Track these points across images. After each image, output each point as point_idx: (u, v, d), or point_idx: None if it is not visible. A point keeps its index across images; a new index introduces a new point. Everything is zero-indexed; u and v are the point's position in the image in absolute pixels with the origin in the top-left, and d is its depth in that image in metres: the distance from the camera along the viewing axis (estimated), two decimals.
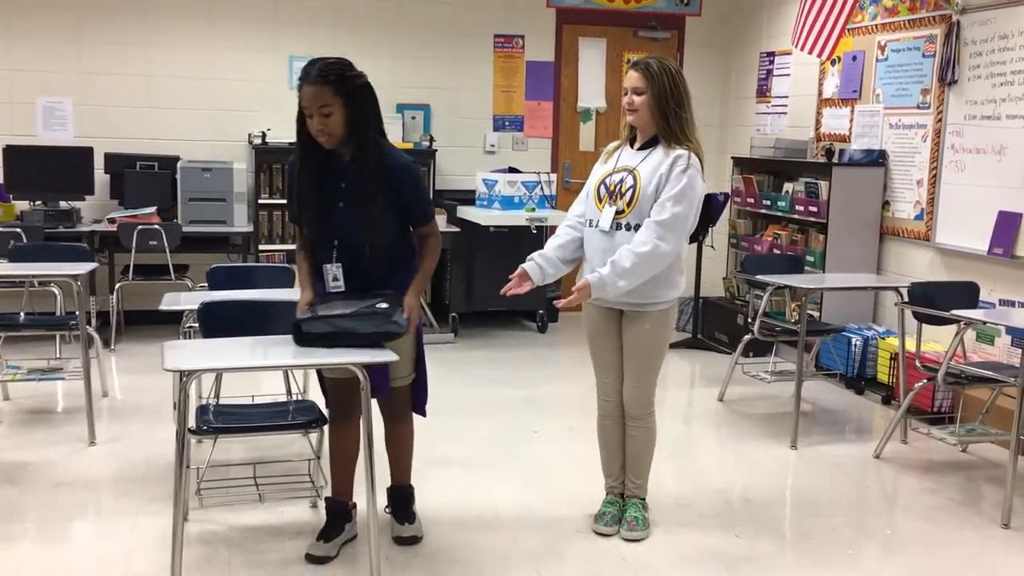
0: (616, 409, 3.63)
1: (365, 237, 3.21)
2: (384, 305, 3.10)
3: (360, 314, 3.06)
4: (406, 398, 3.46)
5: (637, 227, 3.41)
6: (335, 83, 3.07)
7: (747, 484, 4.25)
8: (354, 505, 3.52)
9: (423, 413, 3.53)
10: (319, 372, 3.47)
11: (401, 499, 3.57)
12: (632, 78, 3.44)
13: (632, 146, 3.54)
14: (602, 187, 3.49)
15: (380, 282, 3.27)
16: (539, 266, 3.55)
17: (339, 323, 3.04)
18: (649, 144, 3.49)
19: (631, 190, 3.42)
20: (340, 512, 3.46)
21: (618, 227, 3.43)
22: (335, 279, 3.27)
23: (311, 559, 3.32)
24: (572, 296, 3.39)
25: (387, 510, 3.56)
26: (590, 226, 3.52)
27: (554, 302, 3.59)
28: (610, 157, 3.57)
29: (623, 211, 3.42)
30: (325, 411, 3.56)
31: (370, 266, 3.28)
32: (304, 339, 3.05)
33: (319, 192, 3.22)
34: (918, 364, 4.59)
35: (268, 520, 3.67)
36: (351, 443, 3.42)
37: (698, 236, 6.48)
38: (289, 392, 4.12)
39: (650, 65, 3.42)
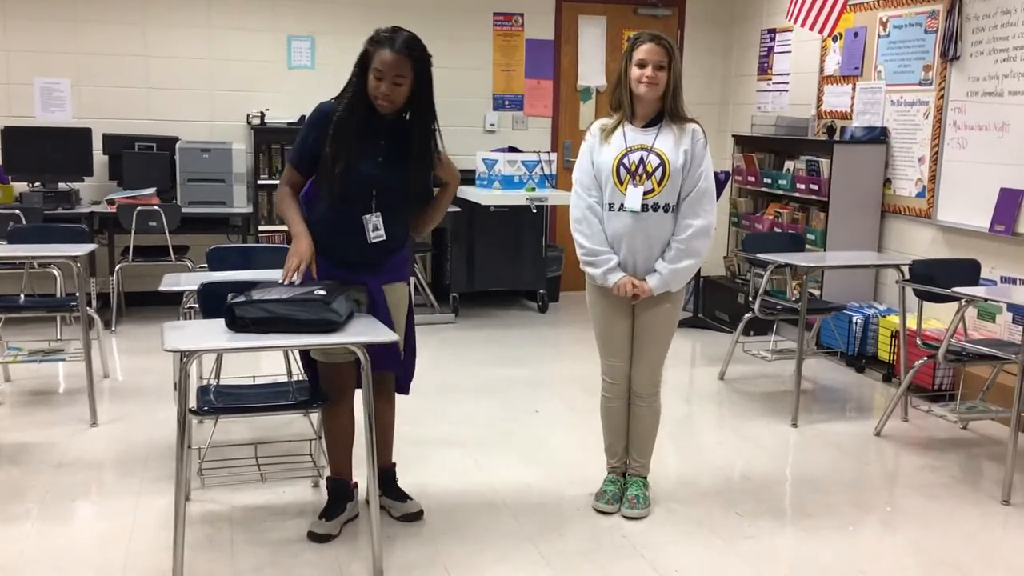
0: (623, 390, 3.63)
1: (404, 194, 3.29)
2: (322, 292, 3.02)
3: (296, 300, 2.99)
4: (394, 377, 3.48)
5: (666, 207, 3.41)
6: (416, 59, 3.18)
7: (748, 462, 4.26)
8: (355, 484, 3.53)
9: (406, 391, 3.54)
10: (303, 356, 3.46)
11: (392, 480, 3.59)
12: (655, 51, 3.36)
13: (632, 123, 3.49)
14: (620, 168, 3.42)
15: (395, 248, 3.33)
16: (620, 267, 3.50)
17: (274, 309, 2.98)
18: (654, 121, 3.46)
19: (660, 169, 3.39)
20: (341, 491, 3.47)
21: (644, 208, 3.40)
22: (375, 228, 3.26)
23: (313, 537, 3.33)
24: (635, 291, 3.43)
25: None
26: (611, 209, 3.46)
27: (624, 285, 3.44)
28: (611, 135, 3.48)
29: (652, 190, 3.40)
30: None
31: (393, 228, 3.30)
32: (236, 324, 3.00)
33: (361, 142, 3.21)
34: (919, 342, 4.59)
35: (270, 500, 3.68)
36: (346, 425, 3.44)
37: None
38: (290, 372, 4.12)
39: (670, 41, 3.41)
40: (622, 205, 3.42)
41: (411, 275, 3.51)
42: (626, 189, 3.41)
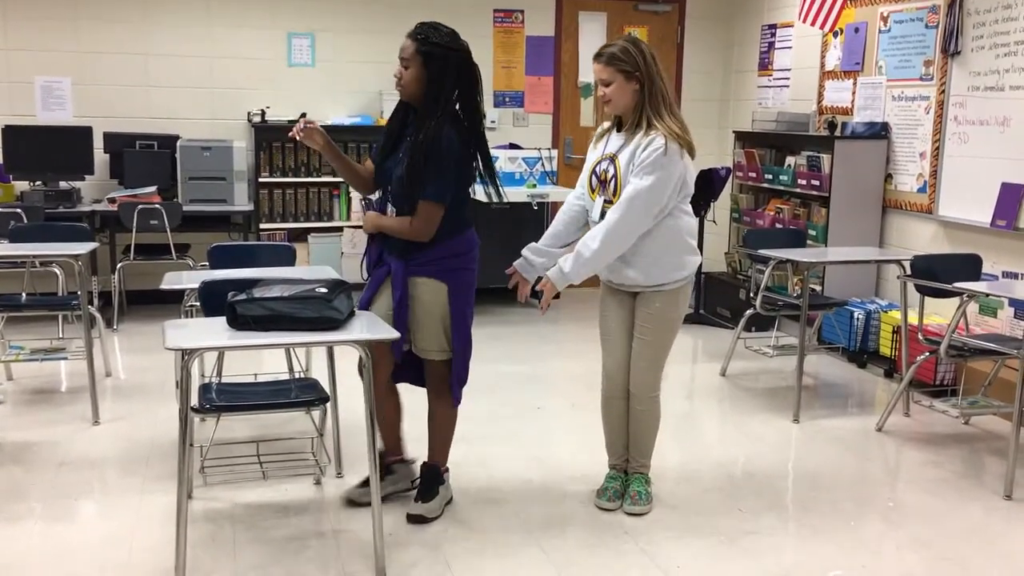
0: (620, 389, 3.62)
1: (395, 193, 3.34)
2: (323, 290, 3.04)
3: (297, 298, 3.01)
4: (441, 374, 3.49)
5: None
6: (420, 41, 3.24)
7: (750, 458, 4.26)
8: (399, 460, 3.62)
9: (456, 399, 3.54)
10: None
11: (426, 478, 3.58)
12: (596, 70, 3.39)
13: (619, 130, 3.49)
14: (593, 177, 3.49)
15: (406, 248, 3.35)
16: (528, 262, 3.55)
17: (275, 307, 3.00)
18: (632, 127, 3.42)
19: (613, 180, 3.39)
20: (382, 465, 3.55)
21: (603, 215, 3.41)
22: (378, 200, 3.43)
23: (347, 501, 3.47)
24: (544, 292, 3.42)
25: (414, 483, 3.63)
26: (588, 216, 3.54)
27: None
28: (600, 141, 3.54)
29: (611, 201, 3.40)
30: (327, 390, 3.61)
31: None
32: (238, 322, 3.01)
33: (391, 137, 3.40)
34: (920, 337, 4.59)
35: (272, 497, 3.69)
36: (386, 406, 3.55)
37: (700, 211, 6.47)
38: (291, 370, 4.13)
39: (615, 54, 3.35)
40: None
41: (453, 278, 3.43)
42: (595, 198, 3.46)
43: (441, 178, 3.27)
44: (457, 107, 3.32)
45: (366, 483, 3.53)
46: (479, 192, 3.45)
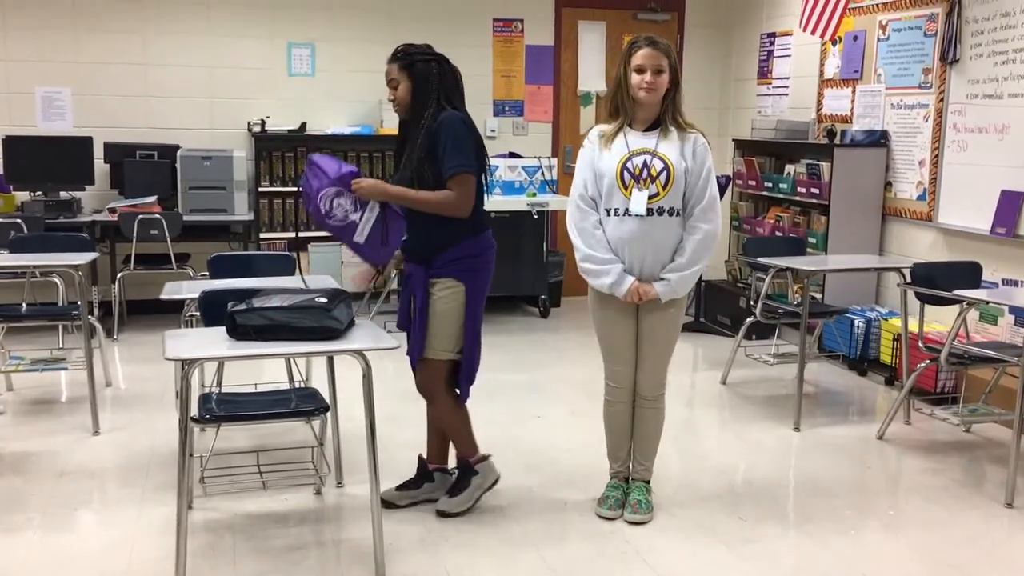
0: (627, 395, 3.63)
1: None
2: (323, 300, 3.07)
3: (296, 308, 3.04)
4: (435, 375, 3.52)
5: (671, 211, 3.41)
6: (400, 60, 3.46)
7: (750, 466, 4.25)
8: (440, 468, 3.71)
9: (463, 395, 3.61)
10: None
11: (459, 473, 3.68)
12: (652, 56, 3.38)
13: (632, 127, 3.48)
14: (624, 172, 3.41)
15: (428, 252, 3.45)
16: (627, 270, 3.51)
17: (274, 316, 3.02)
18: (655, 125, 3.46)
19: (664, 173, 3.39)
20: (422, 470, 3.70)
21: (650, 212, 3.40)
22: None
23: (383, 502, 3.45)
24: (641, 294, 3.43)
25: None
26: (614, 215, 3.44)
27: (633, 293, 3.43)
28: (611, 141, 3.46)
29: (657, 194, 3.40)
30: (327, 399, 3.62)
31: (418, 231, 3.49)
32: (238, 331, 3.03)
33: (398, 155, 3.56)
34: (921, 345, 4.59)
35: (272, 507, 3.68)
36: (430, 414, 3.69)
37: None
38: (291, 380, 4.12)
39: (667, 45, 3.45)
40: (627, 210, 3.40)
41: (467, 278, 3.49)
42: (630, 194, 3.40)
43: (459, 149, 3.38)
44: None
45: (402, 486, 3.68)
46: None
